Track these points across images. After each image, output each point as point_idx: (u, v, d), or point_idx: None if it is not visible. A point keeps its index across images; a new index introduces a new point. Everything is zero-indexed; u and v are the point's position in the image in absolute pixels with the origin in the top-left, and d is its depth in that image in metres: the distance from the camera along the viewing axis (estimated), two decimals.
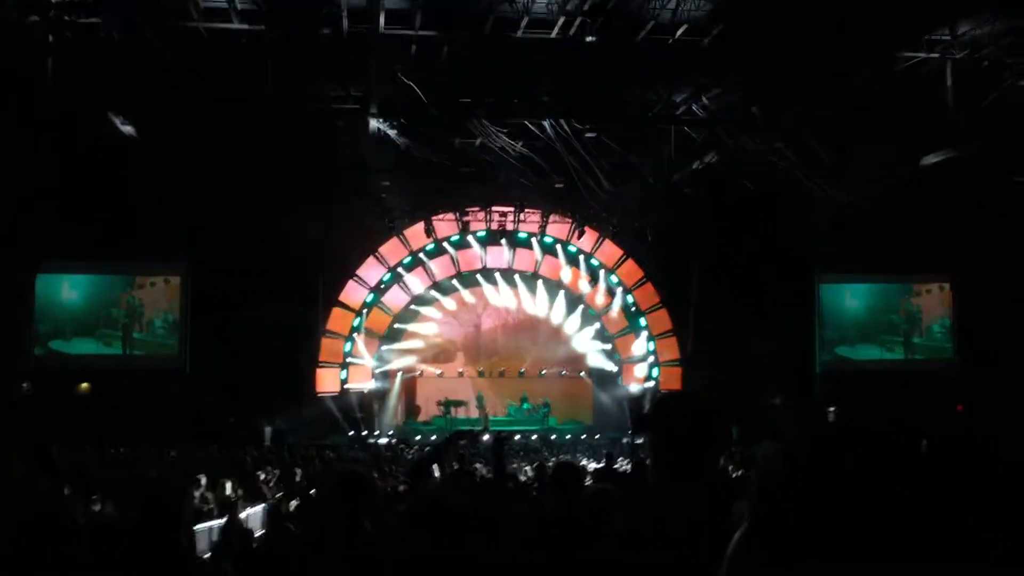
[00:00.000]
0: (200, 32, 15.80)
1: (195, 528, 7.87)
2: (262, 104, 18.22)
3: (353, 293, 26.79)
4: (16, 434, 17.26)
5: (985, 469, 1.17)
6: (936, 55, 17.00)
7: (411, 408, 27.67)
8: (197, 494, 10.28)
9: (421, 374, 27.65)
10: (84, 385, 23.95)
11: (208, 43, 16.09)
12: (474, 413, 26.37)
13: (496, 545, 4.20)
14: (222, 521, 9.01)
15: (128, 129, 17.76)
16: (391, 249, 26.94)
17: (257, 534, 8.85)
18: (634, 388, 26.90)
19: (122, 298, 25.12)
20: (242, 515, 9.65)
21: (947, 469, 1.17)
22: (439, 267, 27.43)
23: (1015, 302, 22.65)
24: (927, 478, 1.15)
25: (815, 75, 15.91)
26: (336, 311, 26.54)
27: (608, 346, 27.91)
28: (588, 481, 7.17)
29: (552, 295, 27.60)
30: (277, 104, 18.29)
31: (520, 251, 27.49)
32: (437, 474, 7.61)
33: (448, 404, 26.07)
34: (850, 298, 27.30)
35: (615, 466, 12.05)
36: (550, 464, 11.28)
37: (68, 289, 24.83)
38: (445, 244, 27.23)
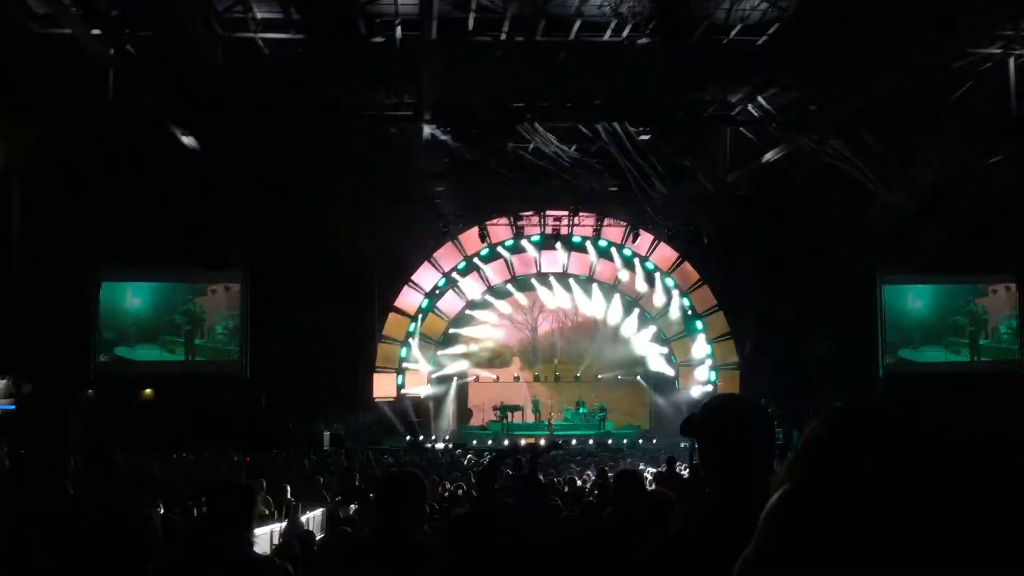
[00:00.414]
0: (257, 43, 16.06)
1: (257, 531, 7.96)
2: (317, 112, 18.45)
3: (408, 299, 26.94)
4: (73, 440, 17.68)
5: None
6: (999, 50, 16.64)
7: (466, 413, 27.72)
8: (258, 498, 10.40)
9: (477, 379, 27.68)
10: (148, 391, 24.42)
11: (264, 53, 16.35)
12: (530, 418, 26.34)
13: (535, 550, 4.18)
14: (283, 524, 9.11)
15: (189, 140, 18.07)
16: (445, 254, 27.06)
17: (318, 537, 8.92)
18: (695, 392, 26.52)
19: (184, 305, 25.56)
20: (302, 518, 9.74)
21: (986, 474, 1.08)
22: (494, 272, 27.47)
23: None
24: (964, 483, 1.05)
25: (874, 71, 15.63)
26: (392, 317, 26.72)
27: (665, 349, 27.71)
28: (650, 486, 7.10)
29: (608, 298, 27.50)
30: (332, 112, 18.51)
31: (575, 254, 27.42)
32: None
33: (504, 409, 26.07)
34: (913, 299, 26.72)
35: (675, 470, 11.92)
36: (608, 467, 11.21)
37: (132, 297, 25.34)
38: (500, 248, 27.26)
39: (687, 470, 11.51)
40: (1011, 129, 17.49)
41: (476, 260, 27.23)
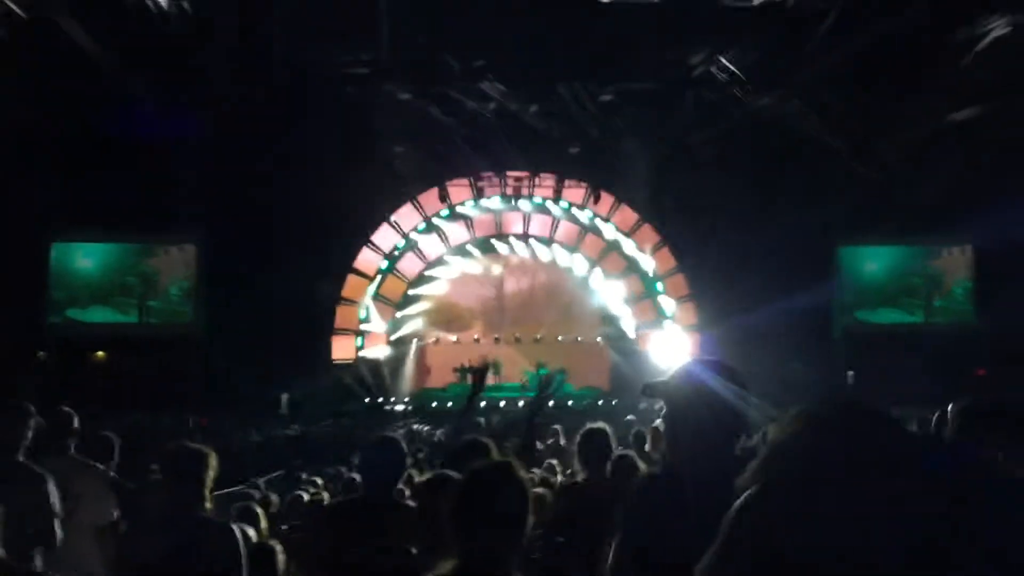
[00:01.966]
0: None
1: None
2: (275, 69, 18.07)
3: (367, 260, 26.66)
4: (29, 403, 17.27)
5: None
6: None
7: (425, 375, 27.56)
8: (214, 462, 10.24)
9: (437, 341, 27.54)
10: (100, 353, 23.98)
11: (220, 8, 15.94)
12: (490, 380, 26.23)
13: None
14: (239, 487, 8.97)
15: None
16: (405, 215, 26.78)
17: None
18: (656, 354, 26.51)
19: (137, 266, 25.09)
20: (260, 481, 9.63)
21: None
22: (454, 233, 27.26)
23: None
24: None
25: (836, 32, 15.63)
26: (351, 278, 26.44)
27: (627, 311, 27.74)
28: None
29: (570, 259, 27.43)
30: (290, 69, 18.14)
31: (536, 216, 27.28)
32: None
33: (464, 371, 25.94)
34: (870, 261, 26.99)
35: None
36: (553, 428, 11.07)
37: (83, 257, 24.81)
38: (460, 209, 27.03)
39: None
40: (971, 91, 17.63)
41: (436, 221, 26.99)
